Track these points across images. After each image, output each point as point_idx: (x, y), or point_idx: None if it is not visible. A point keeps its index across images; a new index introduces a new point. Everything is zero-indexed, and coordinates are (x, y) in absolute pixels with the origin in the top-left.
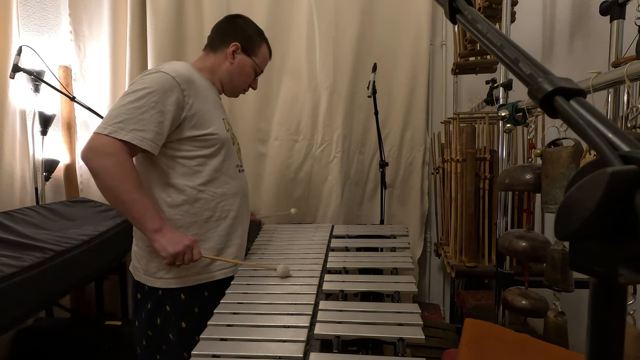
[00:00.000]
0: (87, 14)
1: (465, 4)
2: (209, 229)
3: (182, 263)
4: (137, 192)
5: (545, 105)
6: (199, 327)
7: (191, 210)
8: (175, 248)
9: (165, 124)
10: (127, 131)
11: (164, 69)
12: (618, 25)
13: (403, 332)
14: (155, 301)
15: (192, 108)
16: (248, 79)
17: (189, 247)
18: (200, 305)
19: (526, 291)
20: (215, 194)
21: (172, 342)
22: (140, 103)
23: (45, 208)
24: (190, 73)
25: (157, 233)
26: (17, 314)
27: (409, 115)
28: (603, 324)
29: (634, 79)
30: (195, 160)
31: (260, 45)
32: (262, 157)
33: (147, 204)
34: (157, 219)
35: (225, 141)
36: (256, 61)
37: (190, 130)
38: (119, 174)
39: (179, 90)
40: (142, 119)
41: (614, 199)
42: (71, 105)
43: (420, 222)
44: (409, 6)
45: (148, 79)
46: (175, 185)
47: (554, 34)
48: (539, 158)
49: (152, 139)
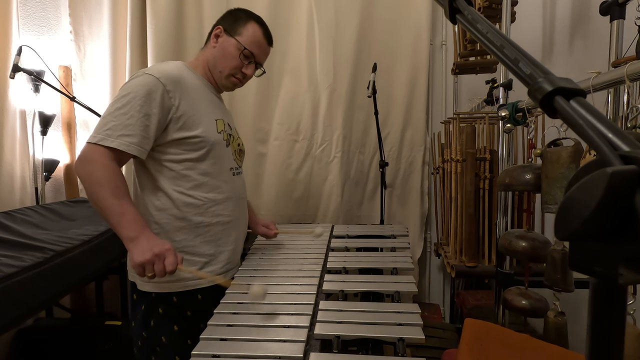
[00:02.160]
0: (87, 14)
1: (465, 4)
2: (198, 234)
3: (153, 274)
4: (114, 198)
5: (545, 105)
6: (192, 331)
7: (179, 215)
8: (143, 256)
9: (151, 127)
10: (115, 138)
11: (149, 70)
12: (618, 25)
13: (403, 332)
14: (149, 303)
15: (178, 109)
16: (232, 61)
17: (159, 256)
18: (193, 308)
19: (526, 291)
20: (206, 198)
21: (165, 345)
22: (126, 109)
23: (45, 208)
24: (179, 73)
25: (131, 242)
26: (17, 314)
27: (409, 115)
28: (603, 324)
29: (634, 79)
30: (183, 164)
31: (245, 24)
32: (262, 157)
33: (125, 211)
34: (133, 228)
35: (214, 144)
36: (240, 40)
37: (177, 133)
38: (98, 180)
39: (164, 91)
40: (128, 124)
41: (614, 199)
42: (71, 105)
43: (420, 222)
44: (409, 6)
45: (133, 83)
46: (163, 189)
47: (554, 34)
48: (539, 158)
49: (138, 144)
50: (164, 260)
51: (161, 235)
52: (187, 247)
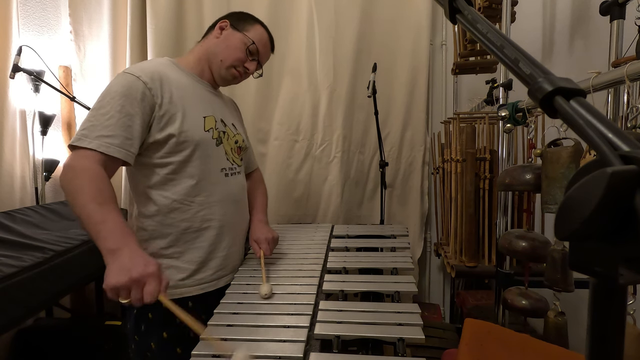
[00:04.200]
0: (87, 14)
1: (465, 4)
2: (186, 240)
3: (128, 301)
4: (94, 204)
5: (545, 105)
6: (181, 338)
7: (165, 221)
8: (117, 279)
9: (134, 127)
10: (92, 138)
11: (130, 69)
12: (618, 25)
13: (403, 332)
14: (140, 308)
15: (161, 107)
16: (237, 53)
17: (137, 282)
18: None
19: (526, 291)
20: (193, 202)
21: (154, 351)
22: (105, 109)
23: (45, 208)
24: (161, 69)
25: (111, 255)
26: (17, 314)
27: (409, 115)
28: (603, 324)
29: (634, 79)
30: (167, 168)
31: (252, 24)
32: (262, 157)
33: (106, 219)
34: (113, 238)
35: (199, 143)
36: (247, 34)
37: (159, 133)
38: (77, 186)
39: (145, 89)
40: (108, 125)
41: (614, 199)
42: (71, 105)
43: (420, 222)
44: (409, 6)
45: (113, 83)
46: (149, 194)
47: (554, 34)
48: (539, 158)
49: (120, 145)
50: (142, 287)
51: (149, 242)
52: (175, 254)
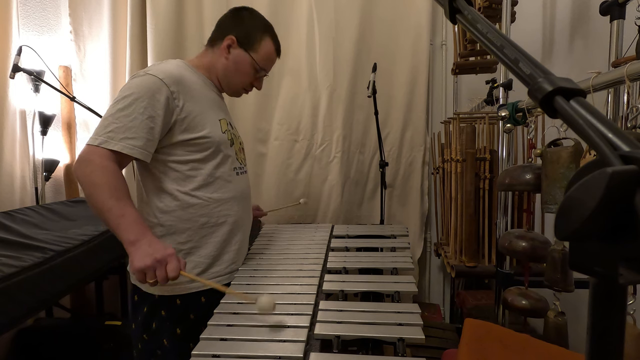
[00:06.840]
0: (87, 14)
1: (465, 4)
2: (204, 235)
3: (155, 281)
4: (114, 200)
5: (545, 105)
6: (194, 334)
7: (184, 216)
8: (143, 262)
9: (156, 129)
10: (117, 140)
11: (152, 70)
12: (618, 25)
13: (403, 332)
14: (151, 305)
15: (182, 110)
16: (246, 77)
17: (160, 262)
18: (196, 311)
19: (526, 291)
20: (211, 199)
21: (167, 348)
22: (129, 110)
23: (45, 208)
24: (181, 72)
25: (132, 246)
26: (17, 314)
27: (409, 115)
28: (603, 324)
29: (634, 79)
30: (188, 165)
31: (260, 40)
32: (262, 157)
33: (125, 213)
34: (133, 231)
35: (219, 144)
36: (255, 58)
37: (182, 134)
38: (97, 182)
39: (168, 92)
40: (131, 127)
41: (614, 199)
42: (71, 105)
43: (420, 222)
44: (409, 6)
45: (135, 83)
46: (168, 190)
47: (554, 34)
48: (539, 158)
49: (142, 146)
50: (165, 265)
51: (166, 237)
52: (193, 248)
